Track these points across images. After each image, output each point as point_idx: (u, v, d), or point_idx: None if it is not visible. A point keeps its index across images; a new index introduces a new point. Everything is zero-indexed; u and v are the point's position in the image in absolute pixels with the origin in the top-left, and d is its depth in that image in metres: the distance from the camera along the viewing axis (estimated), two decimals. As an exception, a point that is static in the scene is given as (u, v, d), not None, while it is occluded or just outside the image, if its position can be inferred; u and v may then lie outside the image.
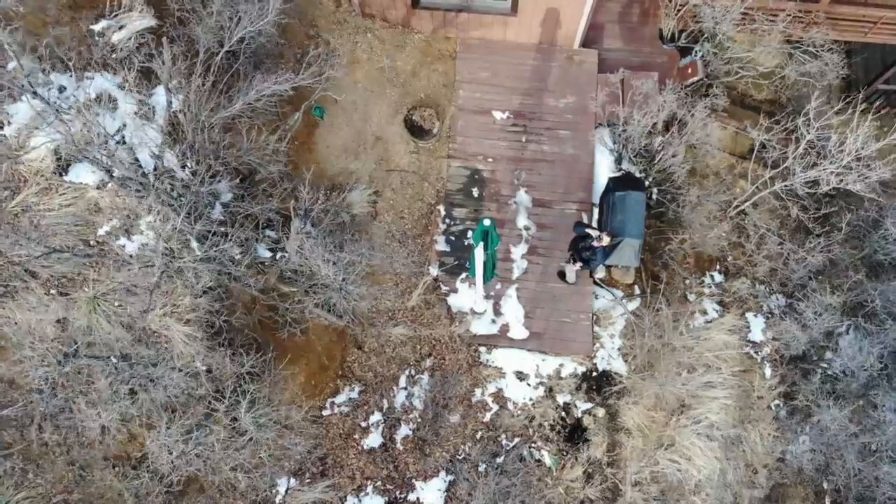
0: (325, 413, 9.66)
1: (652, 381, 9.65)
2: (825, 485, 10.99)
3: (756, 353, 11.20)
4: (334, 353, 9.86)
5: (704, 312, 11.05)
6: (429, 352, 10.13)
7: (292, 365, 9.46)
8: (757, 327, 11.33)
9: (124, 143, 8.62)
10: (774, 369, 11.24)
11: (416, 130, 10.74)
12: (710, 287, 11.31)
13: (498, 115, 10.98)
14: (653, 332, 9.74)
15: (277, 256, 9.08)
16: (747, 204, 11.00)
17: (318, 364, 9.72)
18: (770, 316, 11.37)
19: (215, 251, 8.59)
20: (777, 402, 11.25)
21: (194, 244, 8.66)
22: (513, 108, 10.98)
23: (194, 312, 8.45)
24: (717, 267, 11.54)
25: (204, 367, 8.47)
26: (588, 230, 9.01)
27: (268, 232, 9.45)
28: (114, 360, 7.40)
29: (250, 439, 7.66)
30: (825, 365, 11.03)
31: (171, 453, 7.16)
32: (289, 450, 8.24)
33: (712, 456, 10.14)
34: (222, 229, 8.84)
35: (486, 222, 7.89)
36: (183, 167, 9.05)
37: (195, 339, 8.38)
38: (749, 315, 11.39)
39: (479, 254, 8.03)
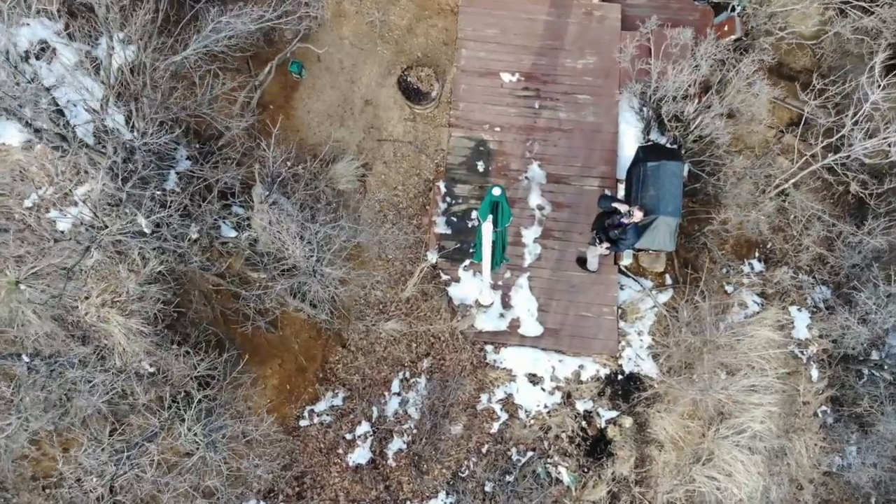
0: (302, 423, 8.14)
1: (690, 386, 8.18)
2: (872, 501, 9.62)
3: (801, 352, 9.77)
4: (314, 352, 8.34)
5: (744, 305, 9.60)
6: (426, 351, 8.64)
7: (262, 366, 7.94)
8: (801, 323, 9.89)
9: (54, 100, 7.08)
10: (822, 371, 9.81)
11: (411, 93, 9.26)
12: (750, 276, 9.86)
13: (506, 77, 9.52)
14: (691, 327, 8.28)
15: (244, 236, 7.55)
16: (791, 182, 9.57)
17: (295, 365, 8.20)
18: (816, 310, 9.95)
19: (168, 228, 7.07)
20: (824, 407, 9.83)
21: (141, 220, 7.13)
22: (523, 70, 9.52)
23: (140, 302, 6.92)
24: (757, 254, 10.10)
25: (151, 369, 6.94)
26: (616, 204, 7.55)
27: (235, 208, 7.93)
28: (25, 360, 5.85)
29: (201, 459, 6.12)
30: (878, 363, 9.62)
31: (97, 478, 5.63)
32: (247, 472, 6.70)
33: (755, 471, 8.70)
34: (177, 202, 7.32)
35: (496, 191, 6.43)
36: (130, 128, 7.52)
37: (140, 334, 6.85)
38: (792, 309, 9.96)
39: (486, 231, 6.54)
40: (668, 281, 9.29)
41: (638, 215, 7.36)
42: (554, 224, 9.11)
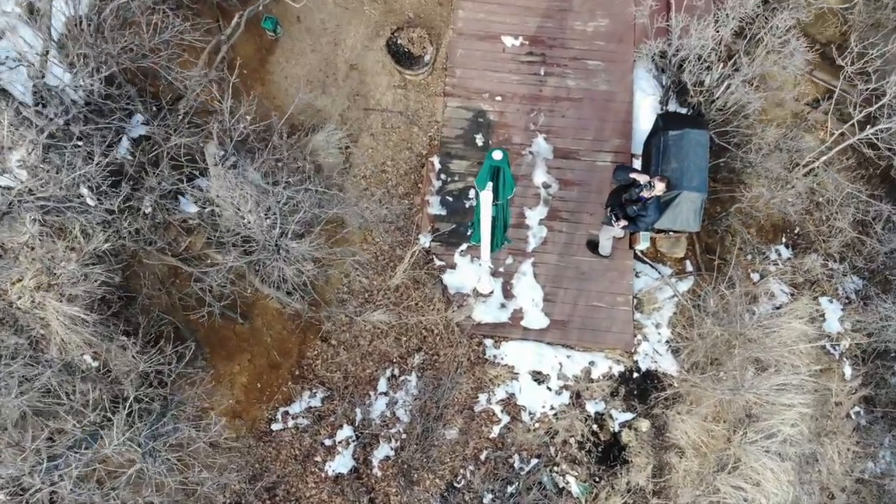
0: (274, 427, 7.13)
1: (717, 384, 7.22)
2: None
3: (834, 347, 8.83)
4: (289, 346, 7.34)
5: (772, 296, 8.65)
6: (418, 345, 7.65)
7: (229, 362, 6.94)
8: (833, 315, 8.96)
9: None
10: (855, 368, 8.88)
11: (401, 58, 8.28)
12: (777, 264, 8.91)
13: (508, 41, 8.55)
14: (718, 318, 7.31)
15: (207, 212, 6.55)
16: (822, 160, 8.62)
17: (267, 361, 7.20)
18: (847, 301, 9.02)
19: (117, 200, 6.08)
20: (857, 408, 8.90)
21: (84, 190, 6.12)
22: (527, 33, 8.56)
23: (82, 285, 5.91)
24: (784, 239, 9.15)
25: (94, 363, 5.93)
26: (634, 175, 6.60)
27: (198, 181, 6.92)
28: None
29: (138, 471, 5.09)
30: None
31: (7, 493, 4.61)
32: (208, 484, 5.69)
33: (785, 480, 7.74)
34: (130, 172, 6.32)
35: (497, 155, 5.46)
36: (75, 86, 6.52)
37: (81, 322, 5.84)
38: (823, 300, 9.02)
39: (485, 202, 5.56)
40: (689, 268, 8.32)
41: (660, 187, 6.40)
42: (561, 204, 8.14)
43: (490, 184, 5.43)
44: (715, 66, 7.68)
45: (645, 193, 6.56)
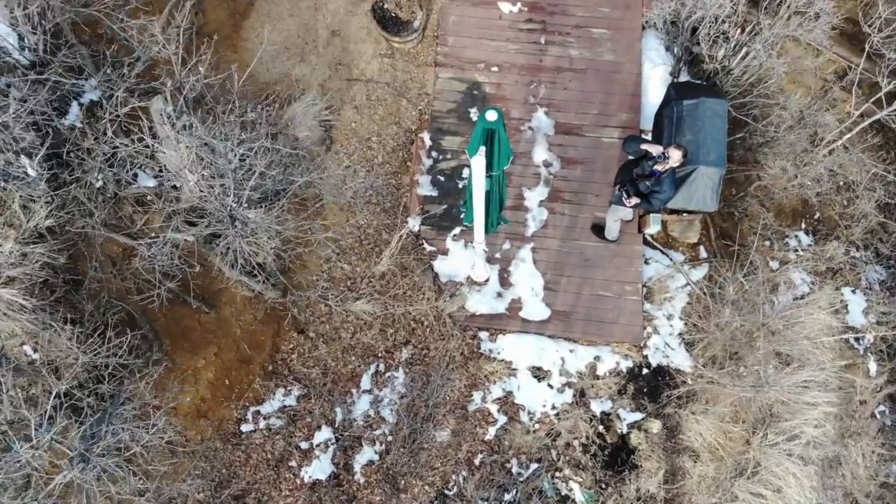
0: (244, 429, 6.39)
1: (737, 381, 6.52)
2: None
3: (858, 341, 8.15)
4: (261, 338, 6.60)
5: (792, 285, 7.96)
6: (406, 338, 6.93)
7: (193, 355, 6.21)
8: (856, 307, 8.27)
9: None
10: (881, 364, 8.21)
11: (388, 23, 7.56)
12: (797, 251, 8.23)
13: (506, 7, 7.85)
14: (738, 308, 6.61)
15: (166, 186, 5.81)
16: (846, 138, 7.94)
17: (236, 354, 6.46)
18: (870, 291, 8.34)
19: (64, 171, 5.34)
20: (882, 407, 8.23)
21: (25, 160, 5.39)
22: (526, -1, 7.88)
23: (21, 266, 5.18)
24: (803, 224, 8.47)
25: (34, 355, 5.19)
26: (647, 146, 5.90)
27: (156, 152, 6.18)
28: None
29: (69, 481, 4.35)
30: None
31: None
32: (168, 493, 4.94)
33: (808, 485, 7.07)
34: (80, 143, 5.59)
35: (491, 116, 4.74)
36: (21, 46, 5.79)
37: (20, 308, 5.11)
38: (846, 290, 8.33)
39: (477, 170, 4.82)
40: (703, 254, 7.63)
41: (676, 156, 5.69)
42: (564, 184, 7.43)
43: (483, 148, 4.71)
44: (732, 29, 6.98)
45: (659, 167, 5.85)
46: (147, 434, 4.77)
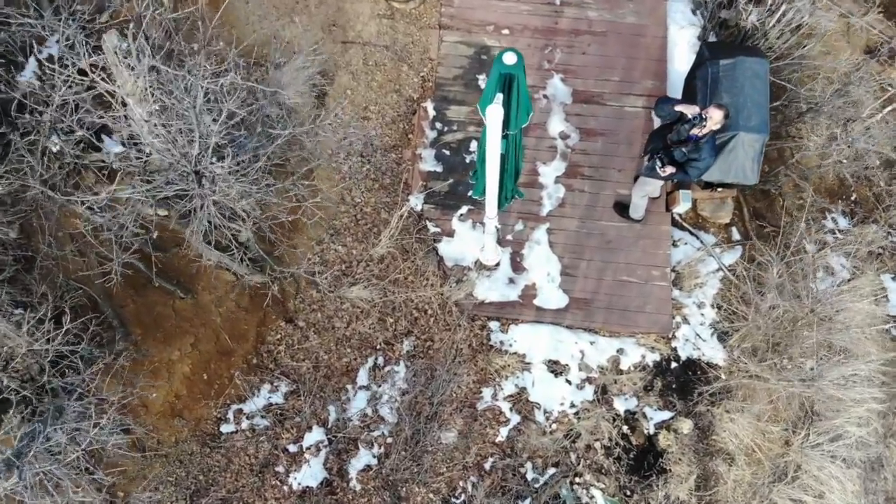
0: (224, 429, 5.66)
1: (782, 374, 5.80)
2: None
3: (900, 332, 7.44)
4: (244, 327, 5.87)
5: (830, 270, 7.25)
6: (407, 328, 6.20)
7: (166, 346, 5.47)
8: (896, 295, 7.57)
9: None
10: (923, 357, 7.50)
11: (389, -20, 6.84)
12: (835, 234, 7.51)
13: (517, -36, 7.14)
14: (781, 292, 5.88)
15: (132, 152, 5.06)
16: (887, 110, 7.22)
17: (216, 346, 5.72)
18: (914, 279, 7.63)
19: (15, 136, 4.61)
20: (924, 405, 7.52)
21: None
22: (540, -45, 7.14)
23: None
24: (840, 206, 7.75)
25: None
26: (681, 108, 5.18)
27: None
28: None
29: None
30: None
31: None
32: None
33: (851, 490, 6.38)
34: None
35: (509, 58, 4.01)
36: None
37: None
38: (885, 277, 7.63)
39: (493, 124, 4.06)
40: (736, 236, 6.91)
41: (717, 116, 4.96)
42: (583, 158, 6.71)
43: (500, 96, 3.97)
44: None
45: (697, 130, 5.13)
46: (104, 434, 4.03)
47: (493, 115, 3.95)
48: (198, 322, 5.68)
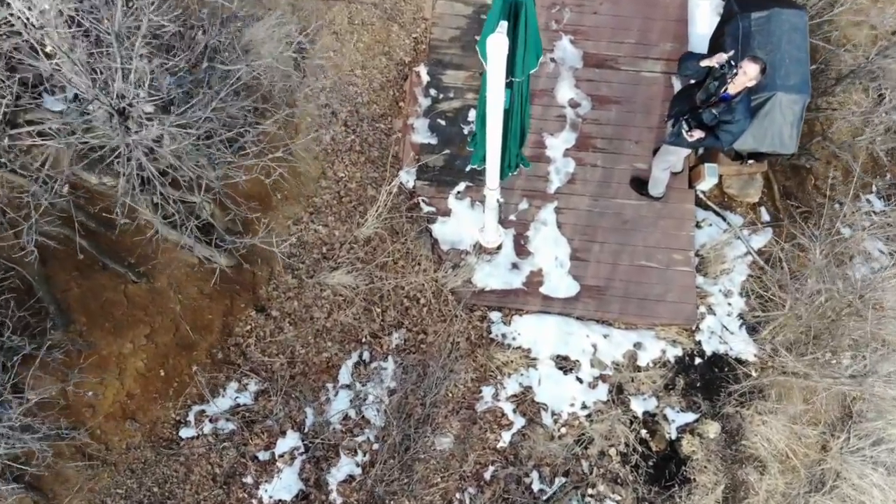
0: (185, 434, 4.90)
1: (828, 371, 5.08)
2: None
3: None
4: (209, 317, 5.11)
5: (868, 256, 6.55)
6: (397, 319, 5.46)
7: (116, 337, 4.72)
8: (937, 286, 6.87)
9: None
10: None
11: (377, -72, 6.11)
12: (871, 216, 6.80)
13: (521, -86, 6.40)
14: (823, 276, 5.15)
15: (79, 114, 4.30)
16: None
17: (175, 338, 4.96)
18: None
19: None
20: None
21: None
22: None
23: None
24: (874, 188, 7.04)
25: None
26: (708, 62, 4.45)
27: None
28: None
29: None
30: None
31: None
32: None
33: (893, 500, 5.69)
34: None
35: (517, -16, 3.27)
36: None
37: None
38: (920, 266, 6.93)
39: (496, 60, 3.28)
40: (765, 217, 6.18)
41: (752, 71, 4.24)
42: (595, 128, 5.98)
43: (504, 24, 3.23)
44: None
45: (730, 89, 4.40)
46: (32, 441, 3.29)
47: (496, 47, 3.19)
48: (154, 310, 4.93)
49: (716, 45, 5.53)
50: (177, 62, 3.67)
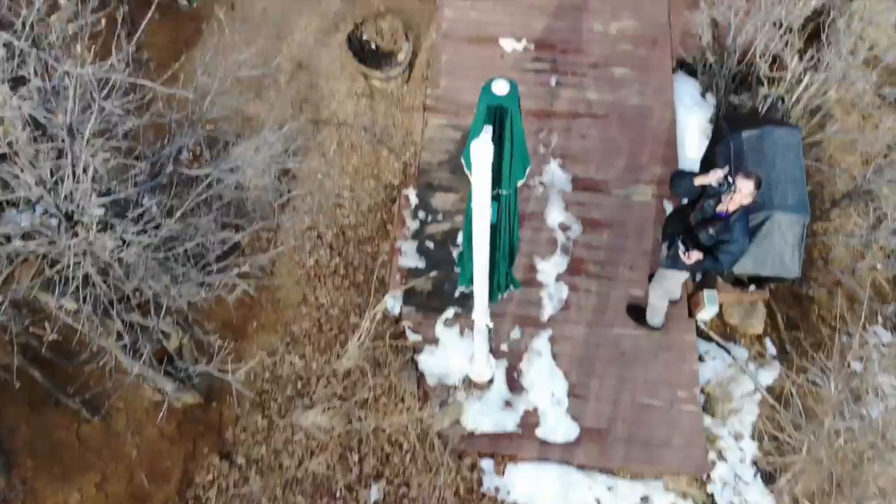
0: None
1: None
2: None
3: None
4: (167, 464, 4.55)
5: (880, 393, 6.14)
6: (376, 469, 4.90)
7: (64, 484, 4.15)
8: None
9: None
10: None
11: (367, 56, 6.20)
12: (880, 348, 6.45)
13: (508, 44, 6.57)
14: (840, 413, 4.71)
15: (42, 224, 3.99)
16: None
17: (129, 487, 4.38)
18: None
19: None
20: None
21: None
22: (532, 36, 6.61)
23: None
24: (879, 318, 6.75)
25: None
26: (703, 180, 4.27)
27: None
28: None
29: None
30: None
31: None
32: None
33: None
34: None
35: (501, 87, 3.11)
36: None
37: None
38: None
39: (480, 163, 2.98)
40: (770, 349, 5.83)
41: (747, 187, 4.05)
42: (587, 252, 5.77)
43: (488, 127, 3.00)
44: (790, 48, 5.53)
45: (725, 202, 4.19)
46: None
47: (481, 151, 2.93)
48: (107, 454, 4.39)
49: (707, 167, 5.43)
50: (139, 166, 3.38)
